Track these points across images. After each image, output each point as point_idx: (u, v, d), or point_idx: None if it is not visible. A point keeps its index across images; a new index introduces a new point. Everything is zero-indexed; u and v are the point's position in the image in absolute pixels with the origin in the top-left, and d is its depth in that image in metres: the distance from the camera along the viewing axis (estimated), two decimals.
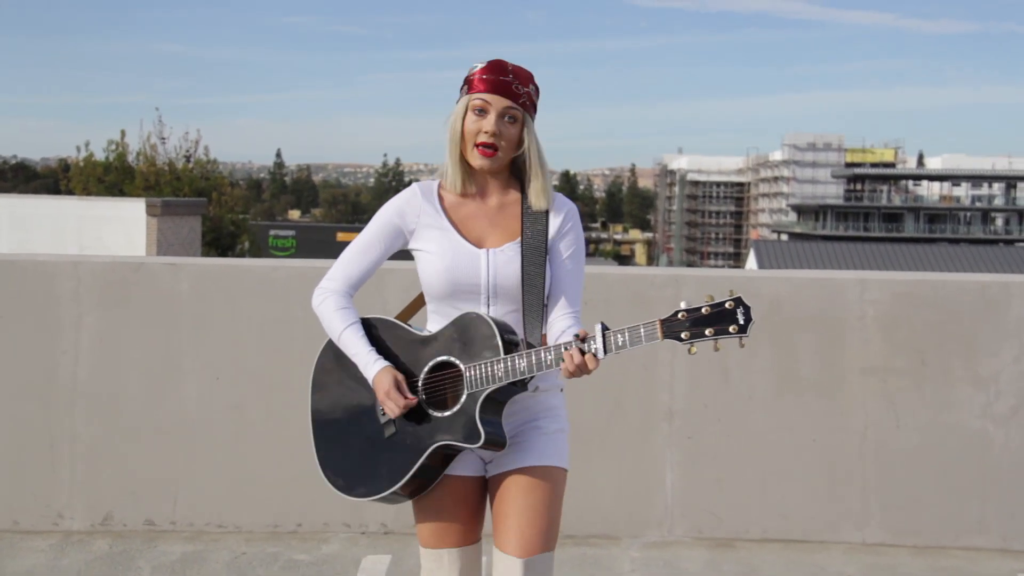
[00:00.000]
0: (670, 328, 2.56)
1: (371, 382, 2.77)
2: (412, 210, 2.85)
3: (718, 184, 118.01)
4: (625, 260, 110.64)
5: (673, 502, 5.03)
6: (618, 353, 2.61)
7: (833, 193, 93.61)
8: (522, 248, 2.79)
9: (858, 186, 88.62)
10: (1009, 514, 5.00)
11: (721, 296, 2.58)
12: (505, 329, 2.72)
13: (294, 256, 34.57)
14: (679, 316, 2.56)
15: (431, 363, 2.76)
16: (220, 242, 25.79)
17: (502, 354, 2.67)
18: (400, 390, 2.73)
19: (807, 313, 5.02)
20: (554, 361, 2.63)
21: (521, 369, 2.65)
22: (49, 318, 5.02)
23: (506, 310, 2.78)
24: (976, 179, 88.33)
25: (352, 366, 2.83)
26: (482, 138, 2.77)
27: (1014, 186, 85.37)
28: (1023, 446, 4.99)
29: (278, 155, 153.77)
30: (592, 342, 2.60)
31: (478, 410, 2.67)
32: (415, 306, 3.03)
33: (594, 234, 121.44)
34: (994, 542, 4.99)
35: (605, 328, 2.60)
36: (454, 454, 2.78)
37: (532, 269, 2.76)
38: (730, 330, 2.52)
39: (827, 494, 5.02)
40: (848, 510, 5.01)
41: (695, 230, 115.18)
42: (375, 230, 2.87)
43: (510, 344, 2.69)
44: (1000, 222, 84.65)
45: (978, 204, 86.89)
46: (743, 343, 2.55)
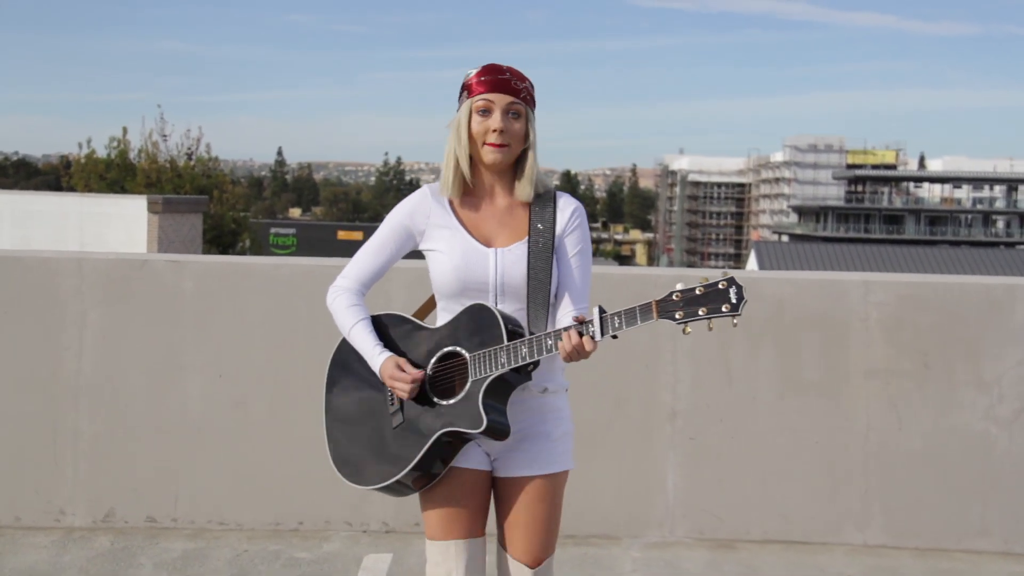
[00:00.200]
0: (665, 308, 2.60)
1: (377, 372, 2.86)
2: (422, 211, 2.92)
3: (719, 185, 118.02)
4: (625, 260, 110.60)
5: (674, 502, 5.03)
6: (615, 335, 2.64)
7: (834, 194, 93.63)
8: (529, 247, 2.85)
9: (859, 188, 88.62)
10: (1011, 517, 5.00)
11: (717, 277, 2.61)
12: (509, 320, 2.78)
13: (294, 254, 34.54)
14: (674, 297, 2.60)
15: (438, 353, 2.83)
16: (221, 240, 25.80)
17: (505, 343, 2.72)
18: (404, 370, 2.80)
19: (811, 314, 5.02)
20: (554, 345, 2.68)
21: (523, 355, 2.70)
22: (53, 315, 5.02)
23: (513, 308, 2.84)
24: (977, 181, 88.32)
25: (364, 361, 2.91)
26: (491, 137, 2.82)
27: (1015, 189, 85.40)
28: None
29: (279, 153, 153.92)
30: (589, 325, 2.66)
31: (481, 397, 2.73)
32: (428, 307, 3.09)
33: (595, 234, 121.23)
34: (996, 545, 4.99)
35: (603, 311, 2.65)
36: (460, 444, 2.83)
37: (539, 268, 2.82)
38: (723, 309, 2.56)
39: (829, 495, 5.02)
40: (850, 512, 5.01)
41: (696, 231, 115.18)
42: (387, 232, 2.95)
43: (514, 334, 2.75)
44: (1001, 224, 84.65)
45: (979, 206, 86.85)
46: (735, 322, 2.58)
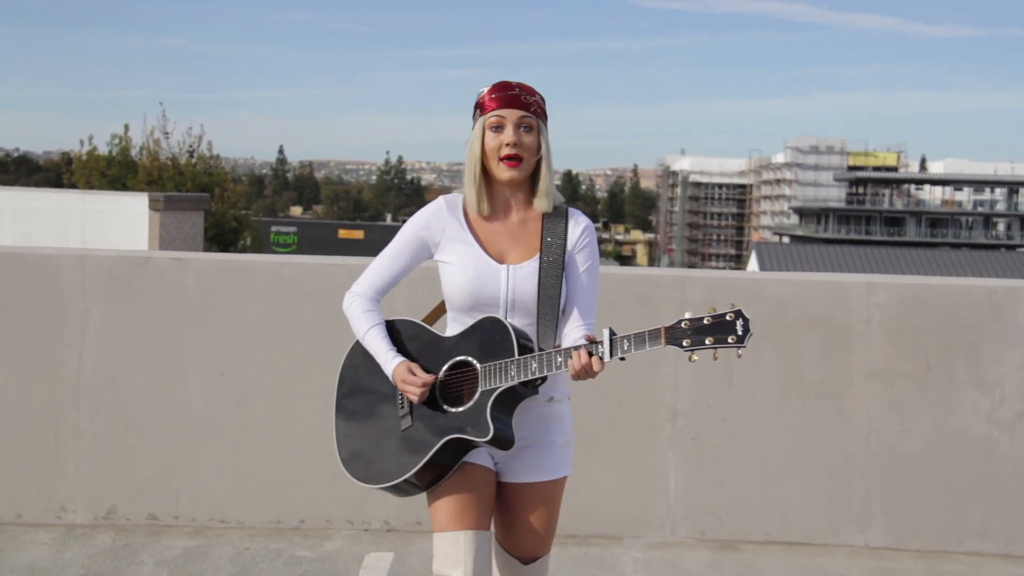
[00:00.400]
0: (673, 335, 2.71)
1: (390, 377, 2.94)
2: (438, 224, 3.01)
3: (720, 186, 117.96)
4: (626, 260, 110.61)
5: (676, 503, 5.03)
6: (623, 358, 2.75)
7: (835, 196, 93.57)
8: (540, 264, 2.94)
9: (860, 189, 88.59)
10: (1012, 519, 5.00)
11: (723, 308, 2.73)
12: (521, 334, 2.88)
13: (295, 252, 34.52)
14: (682, 324, 2.70)
15: (450, 362, 2.92)
16: (222, 238, 25.79)
17: (516, 356, 2.82)
18: (416, 375, 2.89)
19: (812, 315, 5.02)
20: (563, 363, 2.78)
21: (532, 369, 2.80)
22: (54, 312, 5.02)
23: (522, 322, 2.93)
24: (978, 184, 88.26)
25: (375, 366, 3.00)
26: (505, 151, 2.92)
27: (1016, 191, 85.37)
28: None
29: (280, 151, 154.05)
30: (600, 346, 2.75)
31: (490, 407, 2.82)
32: (438, 312, 3.17)
33: (596, 235, 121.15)
34: (997, 547, 4.99)
35: (613, 333, 2.74)
36: (466, 449, 2.91)
37: (549, 284, 2.92)
38: (728, 340, 2.67)
39: (830, 497, 5.02)
40: (851, 513, 5.01)
41: (697, 231, 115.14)
42: (402, 242, 3.05)
43: (524, 348, 2.85)
44: (1002, 227, 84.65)
45: (980, 209, 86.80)
46: (740, 354, 2.72)
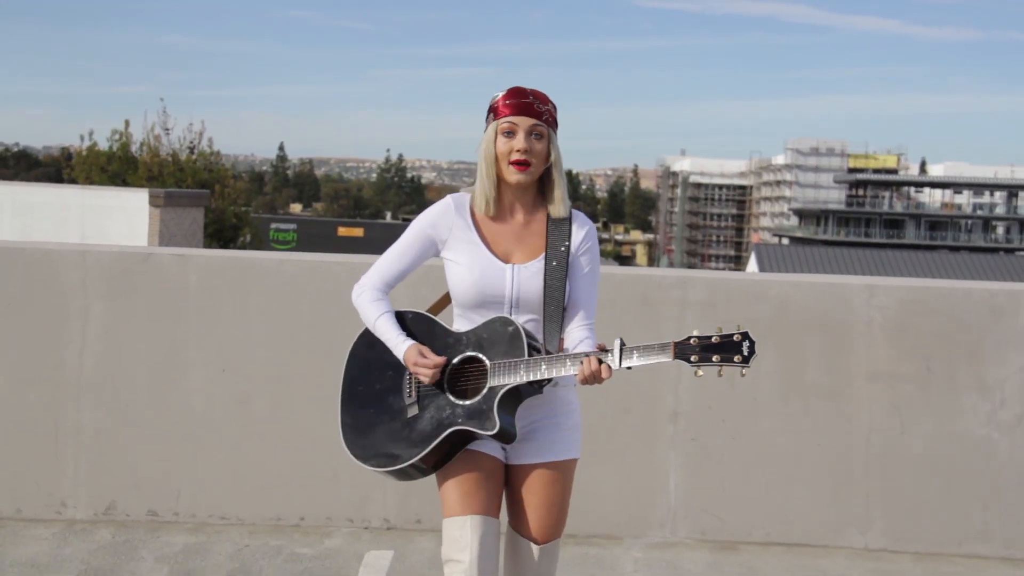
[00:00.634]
0: (682, 350, 2.81)
1: (402, 359, 3.02)
2: (445, 222, 3.09)
3: (720, 187, 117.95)
4: (626, 260, 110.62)
5: (676, 503, 5.03)
6: (631, 368, 2.85)
7: (835, 198, 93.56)
8: (545, 265, 3.03)
9: (860, 192, 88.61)
10: (1012, 522, 5.00)
11: (730, 329, 2.84)
12: (531, 336, 2.98)
13: (295, 250, 34.47)
14: (691, 341, 2.81)
15: (460, 356, 3.00)
16: (222, 234, 25.78)
17: (526, 356, 2.91)
18: (426, 356, 2.97)
19: (814, 317, 5.02)
20: (571, 367, 2.88)
21: (542, 370, 2.90)
22: (56, 307, 5.01)
23: (526, 319, 3.02)
24: (978, 187, 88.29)
25: (383, 351, 3.08)
26: (515, 156, 3.02)
27: (1016, 195, 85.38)
28: None
29: (281, 148, 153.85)
30: (610, 354, 2.86)
31: (496, 402, 2.91)
32: (443, 303, 3.25)
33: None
34: (996, 550, 4.99)
35: (623, 343, 2.85)
36: (470, 439, 2.99)
37: (553, 284, 3.02)
38: (734, 360, 2.78)
39: (830, 499, 5.02)
40: (851, 515, 5.01)
41: (696, 232, 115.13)
42: (410, 238, 3.12)
43: (533, 349, 2.95)
44: (1001, 231, 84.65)
45: (979, 212, 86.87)
46: (744, 373, 2.82)
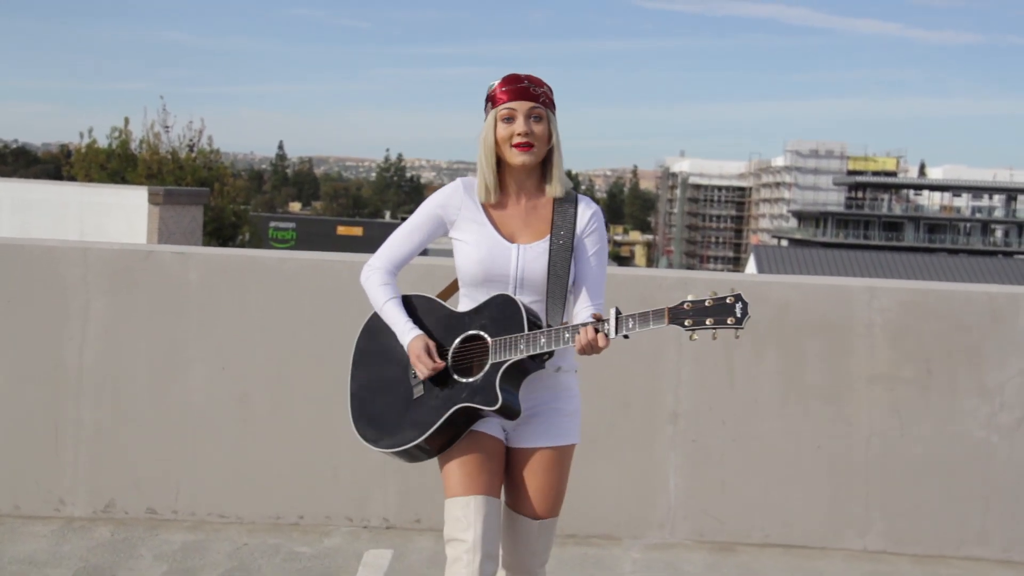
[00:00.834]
0: (675, 315, 2.84)
1: (406, 348, 3.07)
2: (454, 203, 3.14)
3: (719, 188, 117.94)
4: (624, 261, 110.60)
5: (675, 504, 5.03)
6: (627, 336, 2.88)
7: (834, 200, 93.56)
8: (550, 246, 3.06)
9: (859, 194, 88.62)
10: (1011, 525, 5.00)
11: (724, 292, 2.85)
12: (531, 311, 3.01)
13: (293, 249, 34.46)
14: (685, 306, 2.84)
15: (462, 335, 3.05)
16: (221, 232, 25.77)
17: (526, 332, 2.94)
18: (430, 355, 3.02)
19: (814, 319, 5.02)
20: (570, 338, 2.91)
21: (541, 344, 2.93)
22: (56, 304, 5.01)
23: (530, 299, 3.05)
24: (977, 190, 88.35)
25: (390, 335, 3.14)
26: (516, 139, 3.05)
27: (1014, 198, 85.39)
28: None
29: (280, 147, 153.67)
30: (606, 323, 2.89)
31: (499, 378, 2.95)
32: (451, 289, 3.30)
33: None
34: (995, 553, 4.99)
35: (619, 312, 2.88)
36: (475, 417, 3.03)
37: (558, 264, 3.04)
38: (728, 322, 2.81)
39: (829, 501, 5.03)
40: (850, 517, 5.02)
41: (695, 233, 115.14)
42: (420, 218, 3.17)
43: (533, 325, 2.98)
44: (1000, 234, 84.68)
45: (978, 215, 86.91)
46: (738, 335, 2.84)
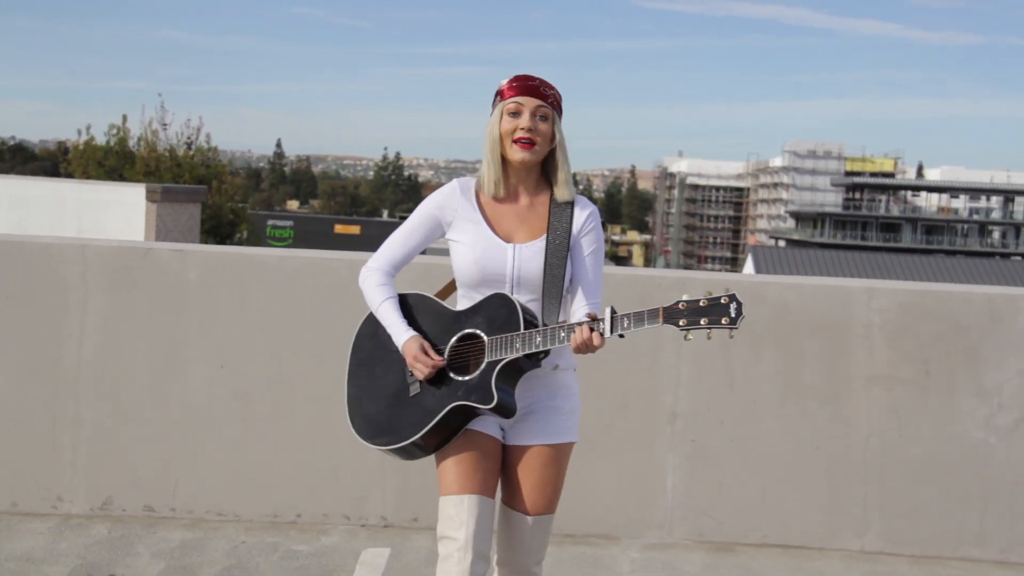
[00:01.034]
0: (670, 315, 2.83)
1: (401, 349, 3.08)
2: (451, 205, 3.14)
3: (717, 188, 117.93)
4: (622, 261, 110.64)
5: (674, 504, 5.04)
6: (622, 335, 2.87)
7: (832, 201, 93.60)
8: (547, 245, 3.06)
9: (857, 195, 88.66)
10: (1008, 526, 5.01)
11: (719, 292, 2.84)
12: (527, 311, 3.01)
13: (291, 247, 34.42)
14: (679, 306, 2.83)
15: (458, 334, 3.05)
16: (219, 230, 25.76)
17: (522, 330, 2.94)
18: (427, 354, 3.02)
19: (813, 320, 5.03)
20: (566, 337, 2.91)
21: (536, 343, 2.92)
22: (55, 301, 5.01)
23: (527, 298, 3.05)
24: (974, 192, 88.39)
25: (387, 334, 3.13)
26: (519, 133, 3.05)
27: (1012, 200, 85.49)
28: None
29: (278, 145, 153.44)
30: (601, 323, 2.88)
31: (495, 377, 2.95)
32: (449, 289, 3.30)
33: None
34: (992, 554, 5.00)
35: (614, 312, 2.87)
36: (471, 415, 3.03)
37: (554, 264, 3.04)
38: (722, 322, 2.79)
39: (828, 501, 5.03)
40: (848, 518, 5.02)
41: (693, 233, 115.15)
42: (417, 220, 3.17)
43: (529, 323, 2.98)
44: (997, 235, 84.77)
45: (976, 217, 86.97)
46: (732, 335, 2.83)
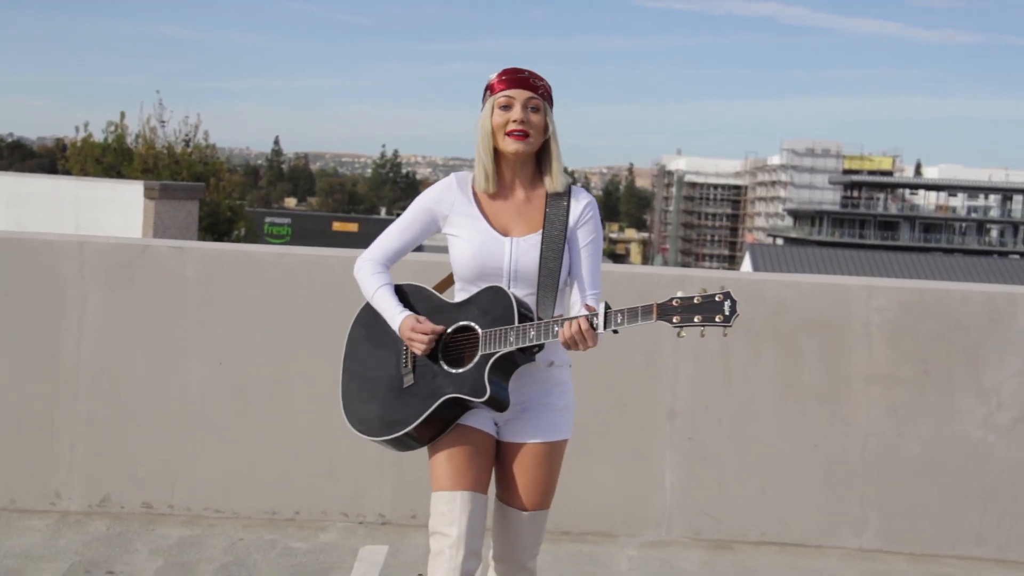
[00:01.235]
0: (664, 311, 2.81)
1: (397, 330, 3.05)
2: (447, 199, 3.13)
3: (715, 186, 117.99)
4: (620, 259, 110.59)
5: (672, 502, 5.03)
6: (616, 331, 2.85)
7: (830, 199, 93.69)
8: (543, 238, 3.06)
9: (855, 193, 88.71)
10: (1007, 525, 5.01)
11: (714, 290, 2.82)
12: (522, 304, 3.00)
13: (289, 244, 34.39)
14: (673, 302, 2.82)
15: (454, 326, 3.03)
16: (217, 227, 25.71)
17: (516, 324, 2.93)
18: (422, 324, 2.99)
19: (812, 318, 5.02)
20: (560, 331, 2.89)
21: (530, 336, 2.91)
22: (53, 297, 5.00)
23: (524, 292, 3.04)
24: (972, 190, 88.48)
25: (382, 326, 3.12)
26: (512, 126, 3.04)
27: (1010, 198, 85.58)
28: (1023, 458, 5.00)
29: (276, 142, 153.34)
30: (595, 318, 2.87)
31: (488, 370, 2.94)
32: (447, 283, 3.28)
33: None
34: (990, 552, 5.00)
35: (607, 307, 2.86)
36: (465, 407, 3.02)
37: (550, 257, 3.03)
38: (716, 319, 2.77)
39: (826, 499, 5.03)
40: (846, 516, 5.02)
41: (691, 231, 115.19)
42: (413, 214, 3.17)
43: (524, 317, 2.96)
44: (995, 233, 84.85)
45: (974, 215, 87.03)
46: (726, 333, 2.81)
